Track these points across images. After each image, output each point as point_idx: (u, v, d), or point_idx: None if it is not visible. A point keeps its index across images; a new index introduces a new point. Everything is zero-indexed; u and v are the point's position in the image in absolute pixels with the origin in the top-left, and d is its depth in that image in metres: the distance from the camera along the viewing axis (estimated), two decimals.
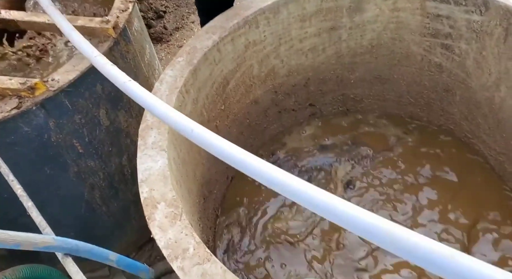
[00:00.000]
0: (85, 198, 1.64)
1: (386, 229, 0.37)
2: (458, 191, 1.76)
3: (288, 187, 0.46)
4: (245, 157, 0.53)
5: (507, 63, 1.55)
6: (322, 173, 1.89)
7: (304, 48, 1.82)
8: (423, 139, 1.97)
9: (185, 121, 0.64)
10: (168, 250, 0.90)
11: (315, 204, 0.43)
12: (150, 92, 0.76)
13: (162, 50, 3.38)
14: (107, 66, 0.87)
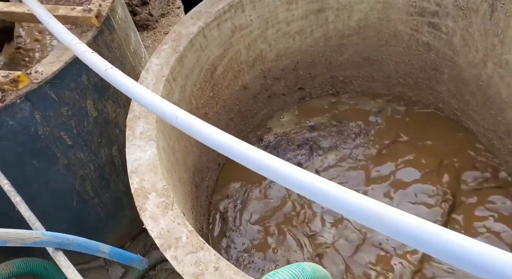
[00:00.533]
0: (77, 190, 1.64)
1: (373, 209, 0.38)
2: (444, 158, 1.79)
3: (274, 170, 0.46)
4: (230, 141, 0.52)
5: (494, 40, 1.55)
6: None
7: (292, 31, 1.80)
8: (412, 117, 1.98)
9: (169, 108, 0.63)
10: (161, 239, 0.90)
11: (299, 184, 0.43)
12: (131, 79, 0.74)
13: (148, 38, 3.33)
14: (87, 54, 0.85)
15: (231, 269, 0.84)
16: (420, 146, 1.85)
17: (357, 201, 0.39)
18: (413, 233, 0.36)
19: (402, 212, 0.38)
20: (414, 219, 0.36)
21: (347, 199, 0.40)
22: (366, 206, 0.39)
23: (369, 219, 0.39)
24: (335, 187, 0.41)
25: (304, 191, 0.44)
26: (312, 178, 0.43)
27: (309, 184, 0.43)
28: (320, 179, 0.43)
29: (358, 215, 0.40)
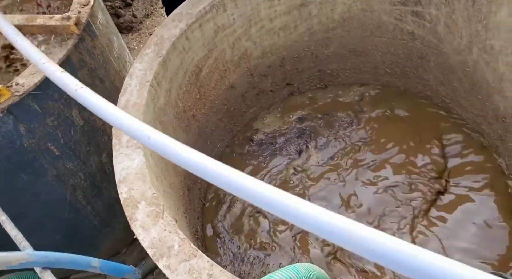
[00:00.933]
0: (68, 200, 1.62)
1: (344, 227, 0.37)
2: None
3: (253, 193, 0.45)
4: (205, 162, 0.51)
5: (477, 26, 1.55)
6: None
7: (275, 27, 1.79)
8: (401, 105, 1.99)
9: (142, 128, 0.61)
10: (153, 249, 0.90)
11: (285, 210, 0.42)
12: (103, 98, 0.73)
13: (133, 40, 3.30)
14: (57, 73, 0.83)
15: (225, 275, 0.83)
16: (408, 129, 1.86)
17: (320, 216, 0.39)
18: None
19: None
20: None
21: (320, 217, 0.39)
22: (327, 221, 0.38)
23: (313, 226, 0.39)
24: (312, 207, 0.40)
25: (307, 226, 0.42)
26: (300, 204, 0.42)
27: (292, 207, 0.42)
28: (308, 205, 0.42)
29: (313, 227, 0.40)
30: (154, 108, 1.31)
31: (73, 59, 1.41)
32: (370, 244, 0.37)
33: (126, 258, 2.08)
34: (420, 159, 1.76)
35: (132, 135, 0.63)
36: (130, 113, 1.16)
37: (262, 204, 0.45)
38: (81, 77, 1.49)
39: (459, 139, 1.81)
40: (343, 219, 0.39)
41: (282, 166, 1.85)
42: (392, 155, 1.79)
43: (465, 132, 1.83)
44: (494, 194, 1.62)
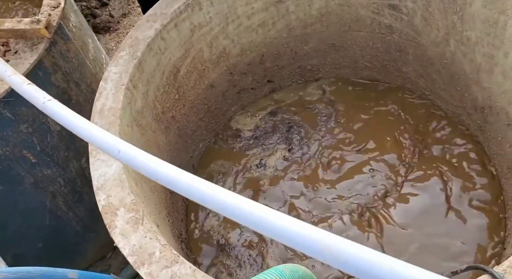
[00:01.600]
0: (48, 207, 1.59)
1: (314, 237, 0.36)
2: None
3: (227, 204, 0.44)
4: (178, 175, 0.50)
5: (453, 17, 1.56)
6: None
7: (253, 24, 1.77)
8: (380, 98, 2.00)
9: (112, 141, 0.60)
10: (134, 257, 0.88)
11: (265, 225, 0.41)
12: (72, 111, 0.71)
13: (111, 40, 3.23)
14: (24, 86, 0.81)
15: None
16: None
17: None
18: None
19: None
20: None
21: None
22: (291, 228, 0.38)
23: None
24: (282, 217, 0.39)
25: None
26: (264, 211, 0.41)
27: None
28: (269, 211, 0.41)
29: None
30: (131, 111, 1.28)
31: (46, 63, 1.38)
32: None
33: (112, 262, 2.05)
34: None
35: (102, 148, 0.61)
36: (106, 118, 1.14)
37: (234, 217, 0.44)
38: (55, 82, 1.45)
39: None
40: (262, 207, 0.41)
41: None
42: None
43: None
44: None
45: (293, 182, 1.75)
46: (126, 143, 0.57)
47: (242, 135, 1.96)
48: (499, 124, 1.57)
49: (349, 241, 0.36)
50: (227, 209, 0.43)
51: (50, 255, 1.74)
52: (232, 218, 0.44)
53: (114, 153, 0.57)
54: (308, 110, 1.98)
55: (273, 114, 2.01)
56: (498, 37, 1.41)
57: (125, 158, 0.56)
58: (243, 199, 0.44)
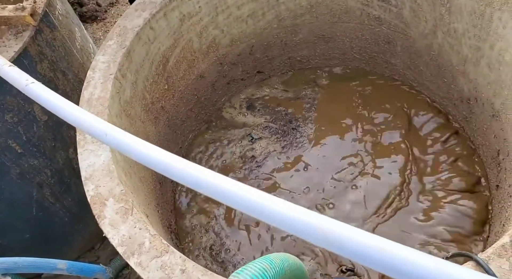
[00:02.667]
0: (35, 198, 1.57)
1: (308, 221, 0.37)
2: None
3: (216, 188, 0.44)
4: (167, 159, 0.49)
5: (441, 9, 1.57)
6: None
7: (243, 15, 1.76)
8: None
9: (99, 125, 0.59)
10: (123, 247, 0.88)
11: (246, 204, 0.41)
12: (56, 93, 0.69)
13: (98, 30, 3.18)
14: (4, 67, 0.78)
15: (198, 269, 0.83)
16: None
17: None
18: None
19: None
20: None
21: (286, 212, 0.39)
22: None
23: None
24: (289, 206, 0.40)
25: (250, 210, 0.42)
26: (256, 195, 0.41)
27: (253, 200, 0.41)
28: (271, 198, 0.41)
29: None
30: (120, 101, 1.27)
31: (31, 52, 1.35)
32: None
33: (101, 253, 2.04)
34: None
35: (88, 132, 0.60)
36: (95, 108, 1.13)
37: (223, 199, 0.44)
38: (41, 71, 1.43)
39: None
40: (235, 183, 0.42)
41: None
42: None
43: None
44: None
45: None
46: (113, 126, 0.56)
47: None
48: (484, 115, 1.59)
49: (342, 224, 0.37)
50: (217, 193, 0.43)
51: (37, 246, 1.73)
52: (218, 199, 0.44)
53: (102, 137, 0.57)
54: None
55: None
56: (484, 29, 1.43)
57: (113, 141, 0.56)
58: (233, 182, 0.44)
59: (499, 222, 1.39)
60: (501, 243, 0.84)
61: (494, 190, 1.56)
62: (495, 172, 1.56)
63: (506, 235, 0.86)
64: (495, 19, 1.36)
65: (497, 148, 1.53)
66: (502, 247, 0.84)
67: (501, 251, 0.83)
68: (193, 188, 0.46)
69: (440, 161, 1.70)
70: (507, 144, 1.43)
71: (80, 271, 1.00)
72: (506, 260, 0.81)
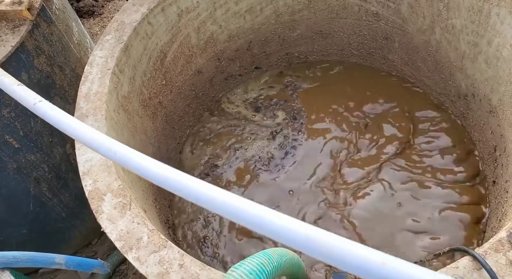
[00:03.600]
0: (32, 194, 1.56)
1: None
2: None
3: (223, 204, 0.44)
4: (171, 174, 0.49)
5: (439, 5, 1.57)
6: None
7: (241, 10, 1.76)
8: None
9: (104, 141, 0.59)
10: (121, 242, 0.88)
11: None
12: (63, 111, 0.70)
13: (95, 25, 3.16)
14: (14, 87, 0.80)
15: (196, 264, 0.83)
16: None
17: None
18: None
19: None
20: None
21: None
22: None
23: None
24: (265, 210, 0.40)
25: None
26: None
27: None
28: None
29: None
30: (118, 96, 1.27)
31: (29, 46, 1.34)
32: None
33: (98, 249, 2.04)
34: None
35: (95, 149, 0.61)
36: (93, 103, 1.12)
37: (229, 215, 0.44)
38: (38, 66, 1.42)
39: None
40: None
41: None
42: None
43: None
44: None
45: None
46: (120, 143, 0.56)
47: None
48: (481, 111, 1.60)
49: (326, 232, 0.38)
50: (228, 211, 0.44)
51: (34, 241, 1.73)
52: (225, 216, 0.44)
53: (106, 153, 0.57)
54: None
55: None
56: (482, 25, 1.43)
57: (117, 157, 0.56)
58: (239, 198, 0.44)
59: (495, 218, 1.40)
60: (497, 238, 0.85)
61: (491, 186, 1.57)
62: (491, 167, 1.57)
63: (503, 230, 0.87)
64: (493, 15, 1.37)
65: (494, 144, 1.54)
66: (499, 241, 0.84)
67: (498, 245, 0.83)
68: (200, 204, 0.46)
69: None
70: (504, 140, 1.44)
71: (78, 265, 1.00)
72: (503, 254, 0.82)
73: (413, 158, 1.71)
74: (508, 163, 1.38)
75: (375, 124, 1.82)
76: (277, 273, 0.87)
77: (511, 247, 0.83)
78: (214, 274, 0.82)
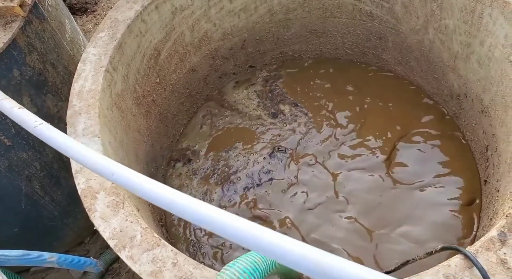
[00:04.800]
0: (24, 191, 1.55)
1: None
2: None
3: (226, 227, 0.44)
4: (176, 197, 0.50)
5: (432, 5, 1.58)
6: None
7: (236, 8, 1.75)
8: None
9: (106, 164, 0.59)
10: (114, 240, 0.87)
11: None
12: (64, 134, 0.71)
13: (88, 22, 3.14)
14: (15, 110, 0.80)
15: (190, 263, 0.83)
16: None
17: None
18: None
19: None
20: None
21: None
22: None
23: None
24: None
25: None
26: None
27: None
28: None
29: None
30: (111, 94, 1.26)
31: (20, 43, 1.33)
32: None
33: (90, 247, 2.03)
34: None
35: (96, 171, 0.61)
36: (86, 100, 1.12)
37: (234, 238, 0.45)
38: (30, 63, 1.41)
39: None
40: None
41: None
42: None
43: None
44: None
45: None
46: (121, 165, 0.57)
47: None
48: (473, 111, 1.61)
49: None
50: (232, 235, 0.44)
51: (26, 240, 1.71)
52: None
53: (108, 175, 0.57)
54: None
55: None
56: (474, 26, 1.44)
57: (119, 180, 0.56)
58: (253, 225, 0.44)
59: (486, 217, 1.42)
60: (489, 236, 0.86)
61: (483, 185, 1.58)
62: (483, 167, 1.59)
63: (494, 228, 0.88)
64: (486, 16, 1.38)
65: (486, 143, 1.55)
66: (490, 240, 0.85)
67: (489, 244, 0.84)
68: (205, 227, 0.46)
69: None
70: (495, 139, 1.45)
71: (71, 264, 0.99)
72: (494, 253, 0.83)
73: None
74: (500, 162, 1.39)
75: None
76: (270, 271, 0.87)
77: (502, 245, 0.84)
78: (208, 272, 0.82)
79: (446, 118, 1.82)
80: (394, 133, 1.79)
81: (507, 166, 1.28)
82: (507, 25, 1.29)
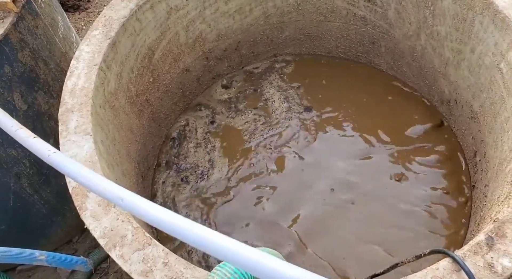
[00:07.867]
0: (12, 189, 1.53)
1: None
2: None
3: (234, 254, 0.46)
4: (180, 223, 0.52)
5: (425, 12, 1.60)
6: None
7: (230, 10, 1.76)
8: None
9: (115, 190, 0.61)
10: (105, 239, 0.87)
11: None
12: (77, 162, 0.71)
13: (81, 19, 3.12)
14: (30, 139, 0.82)
15: (180, 263, 0.83)
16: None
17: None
18: None
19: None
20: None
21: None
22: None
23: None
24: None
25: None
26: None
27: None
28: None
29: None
30: (104, 92, 1.25)
31: (13, 39, 1.32)
32: None
33: (79, 246, 2.01)
34: None
35: (106, 197, 0.62)
36: (78, 98, 1.11)
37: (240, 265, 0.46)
38: (22, 59, 1.40)
39: None
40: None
41: None
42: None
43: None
44: None
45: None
46: (131, 192, 0.58)
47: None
48: (463, 117, 1.64)
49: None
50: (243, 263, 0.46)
51: (14, 237, 1.69)
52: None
53: (117, 201, 0.58)
54: None
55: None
56: (466, 33, 1.47)
57: (129, 206, 0.57)
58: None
59: (474, 221, 1.44)
60: (476, 240, 0.87)
61: (471, 191, 1.61)
62: (472, 172, 1.61)
63: (481, 233, 0.89)
64: (477, 23, 1.40)
65: (475, 149, 1.58)
66: (477, 244, 0.86)
67: (477, 248, 0.86)
68: (205, 251, 0.48)
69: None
70: (484, 145, 1.47)
71: (60, 262, 0.98)
72: (481, 257, 0.84)
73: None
74: (488, 168, 1.41)
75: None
76: None
77: (489, 249, 0.85)
78: (199, 272, 0.82)
79: (438, 124, 1.85)
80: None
81: (495, 172, 1.31)
82: (497, 33, 1.31)
